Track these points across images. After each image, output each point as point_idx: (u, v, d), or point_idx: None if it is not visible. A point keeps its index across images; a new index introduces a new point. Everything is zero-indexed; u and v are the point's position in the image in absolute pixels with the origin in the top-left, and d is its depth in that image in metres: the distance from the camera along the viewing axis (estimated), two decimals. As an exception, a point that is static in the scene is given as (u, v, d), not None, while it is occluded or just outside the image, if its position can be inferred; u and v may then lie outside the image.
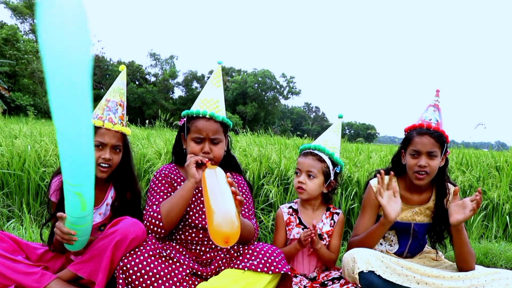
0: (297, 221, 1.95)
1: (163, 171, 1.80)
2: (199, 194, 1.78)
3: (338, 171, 1.95)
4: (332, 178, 1.93)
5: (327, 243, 1.91)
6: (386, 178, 1.73)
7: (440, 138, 1.76)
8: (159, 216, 1.60)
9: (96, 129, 1.66)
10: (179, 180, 1.79)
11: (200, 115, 1.73)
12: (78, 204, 1.31)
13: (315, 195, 1.92)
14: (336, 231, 1.93)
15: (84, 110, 1.10)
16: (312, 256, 1.92)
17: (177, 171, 1.83)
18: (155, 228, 1.60)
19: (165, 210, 1.62)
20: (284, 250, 1.84)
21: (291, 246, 1.86)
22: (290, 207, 2.00)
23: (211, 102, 1.77)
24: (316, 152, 1.93)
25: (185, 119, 1.79)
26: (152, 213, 1.62)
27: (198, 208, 1.76)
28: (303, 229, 1.91)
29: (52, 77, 1.01)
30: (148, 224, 1.60)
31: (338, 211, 1.98)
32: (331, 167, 1.92)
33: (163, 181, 1.75)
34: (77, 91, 1.05)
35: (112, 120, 1.68)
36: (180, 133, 1.85)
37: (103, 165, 1.67)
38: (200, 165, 1.65)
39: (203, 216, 1.75)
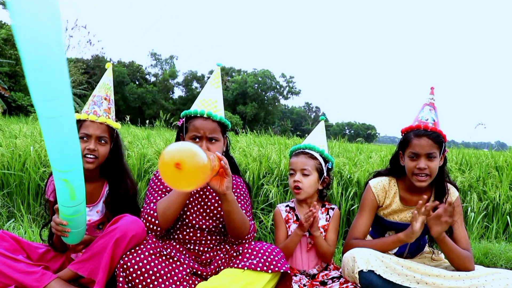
0: (295, 218, 1.98)
1: None
2: (197, 195, 1.79)
3: (330, 167, 2.02)
4: (325, 174, 1.98)
5: (324, 237, 1.93)
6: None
7: (438, 139, 1.74)
8: (155, 214, 1.61)
9: (82, 122, 1.72)
10: None
11: (198, 115, 1.74)
12: (67, 192, 1.32)
13: (311, 193, 1.96)
14: (332, 225, 1.96)
15: (63, 94, 1.10)
16: (311, 252, 1.93)
17: None
18: (152, 226, 1.60)
19: (161, 208, 1.62)
20: (286, 241, 1.89)
21: (292, 233, 1.89)
22: (287, 205, 2.03)
23: (209, 102, 1.78)
24: (307, 150, 2.00)
25: (183, 119, 1.80)
26: (149, 210, 1.63)
27: (195, 208, 1.76)
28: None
29: (28, 61, 1.02)
30: (144, 221, 1.60)
31: (333, 206, 2.02)
32: (323, 163, 1.98)
33: (162, 180, 1.76)
34: (54, 74, 1.06)
35: (96, 113, 1.73)
36: (179, 133, 1.85)
37: (89, 156, 1.70)
38: None
39: (200, 217, 1.75)
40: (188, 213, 1.75)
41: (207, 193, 1.79)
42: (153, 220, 1.61)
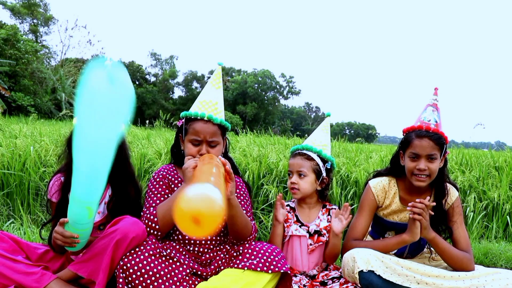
0: (295, 219, 1.97)
1: (161, 172, 1.79)
2: None
3: (329, 167, 1.99)
4: (324, 174, 1.96)
5: (327, 239, 1.93)
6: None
7: (439, 141, 1.74)
8: (156, 219, 1.61)
9: None
10: (176, 181, 1.79)
11: (198, 117, 1.72)
12: (86, 214, 1.35)
13: (309, 194, 1.95)
14: None
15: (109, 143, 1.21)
16: (312, 254, 1.93)
17: (175, 172, 1.83)
18: (152, 230, 1.60)
19: (161, 212, 1.62)
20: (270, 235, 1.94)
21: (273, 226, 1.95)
22: (288, 205, 2.02)
23: (210, 104, 1.76)
24: (304, 151, 1.98)
25: (183, 120, 1.78)
26: (148, 215, 1.63)
27: None
28: (300, 226, 1.94)
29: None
30: (145, 226, 1.60)
31: (334, 207, 2.01)
32: (321, 164, 1.96)
33: (161, 183, 1.75)
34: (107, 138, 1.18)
35: None
36: (178, 134, 1.84)
37: None
38: None
39: None
40: None
41: None
42: (153, 225, 1.61)
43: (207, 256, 1.72)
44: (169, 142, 4.33)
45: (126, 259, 1.46)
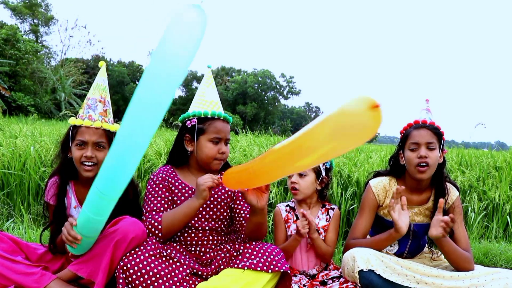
0: (295, 218, 1.98)
1: (160, 175, 1.77)
2: None
3: (328, 167, 2.00)
4: (323, 174, 1.96)
5: (323, 238, 1.93)
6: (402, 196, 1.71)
7: (436, 131, 1.79)
8: (160, 226, 1.61)
9: (77, 128, 1.67)
10: (176, 183, 1.77)
11: (216, 116, 1.75)
12: (98, 228, 1.42)
13: (309, 193, 1.95)
14: (332, 225, 1.96)
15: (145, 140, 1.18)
16: (310, 252, 1.93)
17: (174, 173, 1.80)
18: (154, 237, 1.60)
19: (167, 222, 1.62)
20: (285, 245, 1.88)
21: (291, 239, 1.89)
22: (287, 205, 2.03)
23: (218, 104, 1.80)
24: None
25: (195, 120, 1.75)
26: (152, 220, 1.62)
27: (198, 211, 1.75)
28: None
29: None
30: (147, 231, 1.60)
31: (333, 206, 2.02)
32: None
33: (160, 185, 1.73)
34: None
35: (91, 118, 1.66)
36: (184, 134, 1.79)
37: (87, 163, 1.65)
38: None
39: (203, 219, 1.75)
40: None
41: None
42: (156, 231, 1.61)
43: (208, 256, 1.72)
44: (169, 142, 4.32)
45: (126, 259, 1.46)
